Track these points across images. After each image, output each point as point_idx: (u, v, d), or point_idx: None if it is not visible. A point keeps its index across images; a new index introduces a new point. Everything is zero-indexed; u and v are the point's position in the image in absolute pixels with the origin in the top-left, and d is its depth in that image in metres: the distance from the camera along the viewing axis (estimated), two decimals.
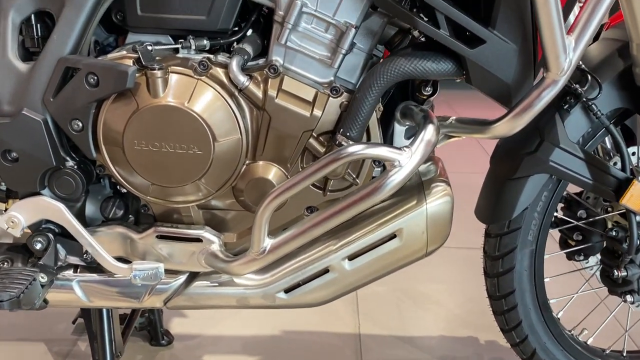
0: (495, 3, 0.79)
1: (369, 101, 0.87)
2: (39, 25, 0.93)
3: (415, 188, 0.96)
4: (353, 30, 0.88)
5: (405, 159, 0.82)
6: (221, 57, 0.92)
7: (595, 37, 1.15)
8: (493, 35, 0.80)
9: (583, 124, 1.06)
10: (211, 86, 0.88)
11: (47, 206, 0.94)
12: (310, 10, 0.88)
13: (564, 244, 1.29)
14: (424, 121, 0.87)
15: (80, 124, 0.89)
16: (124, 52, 0.90)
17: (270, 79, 0.90)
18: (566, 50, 0.78)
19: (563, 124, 1.05)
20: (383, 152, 0.82)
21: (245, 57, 0.90)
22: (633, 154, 1.16)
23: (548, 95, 0.81)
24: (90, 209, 1.00)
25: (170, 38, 0.95)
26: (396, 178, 0.81)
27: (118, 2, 0.93)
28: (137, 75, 0.87)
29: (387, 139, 1.02)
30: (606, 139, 1.14)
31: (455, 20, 0.79)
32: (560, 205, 1.24)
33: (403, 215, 0.93)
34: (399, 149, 0.83)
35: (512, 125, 0.85)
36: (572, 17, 0.83)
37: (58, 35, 0.90)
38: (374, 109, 0.89)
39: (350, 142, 0.88)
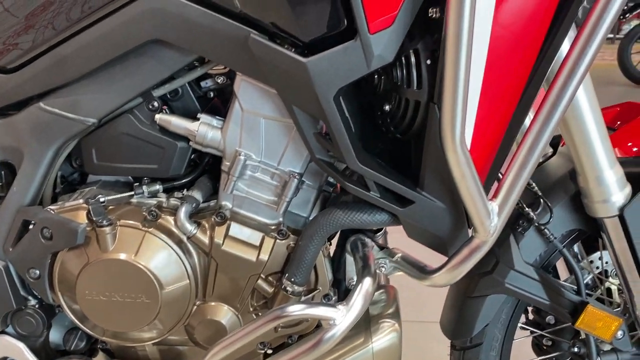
0: (422, 165, 0.81)
1: (311, 249, 0.90)
2: (2, 172, 0.98)
3: (363, 325, 0.97)
4: (295, 180, 0.91)
5: (341, 317, 0.84)
6: (173, 201, 0.96)
7: (553, 152, 1.16)
8: (421, 197, 0.82)
9: (538, 246, 1.07)
10: (159, 237, 0.92)
11: (8, 345, 0.99)
12: (254, 162, 0.92)
13: (535, 346, 1.29)
14: (362, 271, 0.89)
15: (37, 272, 0.94)
16: (80, 202, 0.95)
17: (216, 227, 0.93)
18: (490, 215, 0.79)
19: (518, 246, 1.06)
20: (319, 311, 0.84)
21: (194, 204, 0.94)
22: (599, 258, 1.16)
23: (479, 254, 0.83)
24: (55, 336, 1.05)
25: (130, 177, 1.00)
26: (332, 336, 0.84)
27: (76, 150, 0.98)
28: (88, 229, 0.91)
29: (341, 269, 1.05)
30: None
31: (383, 185, 0.82)
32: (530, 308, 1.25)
33: (349, 354, 0.95)
34: (335, 306, 0.85)
35: (450, 277, 0.86)
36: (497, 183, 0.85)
37: (18, 187, 0.95)
38: (317, 255, 0.92)
39: (295, 288, 0.91)
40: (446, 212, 0.83)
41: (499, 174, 0.84)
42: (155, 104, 0.94)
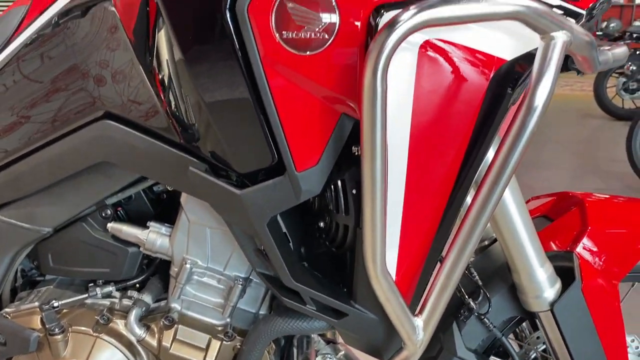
0: (354, 279, 0.86)
1: (255, 354, 0.94)
2: None
3: None
4: (240, 286, 0.96)
5: None
6: (125, 302, 1.01)
7: None
8: (354, 310, 0.87)
9: (479, 333, 1.12)
10: (110, 342, 0.96)
11: None
12: (201, 269, 0.96)
13: None
14: None
15: None
16: (35, 305, 0.99)
17: (165, 330, 0.98)
18: (416, 331, 0.84)
19: (460, 333, 1.11)
20: None
21: (144, 308, 0.98)
22: (537, 338, 1.21)
23: None
24: None
25: None
26: None
27: (33, 252, 1.02)
28: (40, 335, 0.95)
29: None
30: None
31: (317, 299, 0.87)
32: None
33: None
34: None
35: None
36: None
37: None
38: (261, 357, 0.96)
39: None
40: (379, 324, 0.88)
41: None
42: (108, 211, 0.99)
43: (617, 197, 1.21)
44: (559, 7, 0.76)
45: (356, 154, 0.79)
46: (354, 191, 0.81)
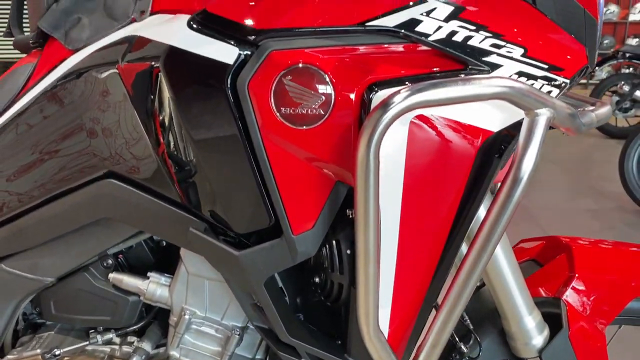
0: (348, 334, 0.89)
1: None
2: None
3: None
4: (237, 336, 0.98)
5: None
6: (125, 348, 1.04)
7: None
8: None
9: None
10: None
11: None
12: (199, 318, 0.99)
13: None
14: None
15: None
16: (38, 352, 1.02)
17: None
18: None
19: None
20: None
21: (144, 356, 1.01)
22: None
23: None
24: None
25: None
26: None
27: (36, 298, 1.05)
28: None
29: None
30: None
31: (313, 354, 0.90)
32: None
33: None
34: None
35: None
36: None
37: None
38: None
39: None
40: None
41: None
42: (110, 261, 1.02)
43: (604, 242, 1.24)
44: (544, 77, 0.80)
45: (350, 216, 0.82)
46: (348, 251, 0.84)
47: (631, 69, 6.95)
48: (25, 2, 1.07)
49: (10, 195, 0.96)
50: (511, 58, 0.78)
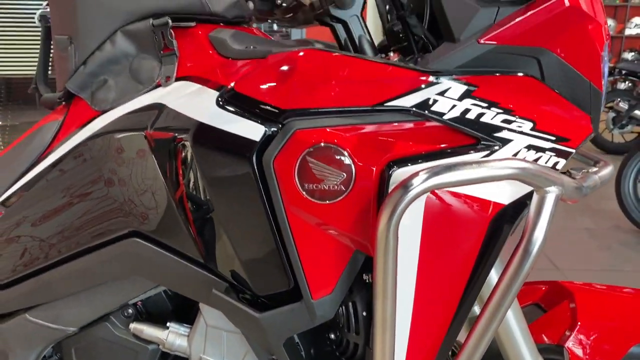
0: None
1: None
2: None
3: None
4: None
5: None
6: None
7: None
8: None
9: None
10: None
11: None
12: None
13: None
14: None
15: None
16: None
17: None
18: None
19: None
20: None
21: None
22: None
23: None
24: None
25: None
26: None
27: (56, 345, 1.09)
28: None
29: None
30: None
31: None
32: None
33: None
34: None
35: None
36: None
37: None
38: None
39: None
40: None
41: None
42: (130, 310, 1.05)
43: (607, 287, 1.29)
44: (552, 149, 0.84)
45: (367, 281, 0.86)
46: (364, 313, 0.88)
47: (627, 83, 7.03)
48: (51, 61, 1.11)
49: (37, 250, 1.00)
50: (521, 132, 0.82)
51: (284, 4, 1.38)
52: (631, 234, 3.88)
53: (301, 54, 0.84)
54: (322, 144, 0.78)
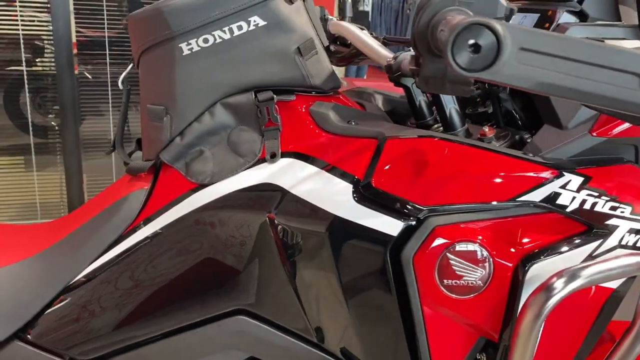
0: None
1: None
2: None
3: None
4: None
5: None
6: None
7: None
8: None
9: None
10: None
11: None
12: None
13: None
14: None
15: None
16: None
17: None
18: None
19: None
20: None
21: None
22: None
23: None
24: None
25: None
26: None
27: None
28: None
29: None
30: None
31: None
32: None
33: None
34: None
35: None
36: None
37: None
38: None
39: None
40: None
41: None
42: None
43: None
44: None
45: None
46: None
47: None
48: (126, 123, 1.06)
49: (135, 323, 0.97)
50: (624, 217, 0.89)
51: (340, 54, 1.37)
52: None
53: (425, 144, 0.85)
54: (462, 242, 0.81)
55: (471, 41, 0.56)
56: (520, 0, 1.21)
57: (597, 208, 0.87)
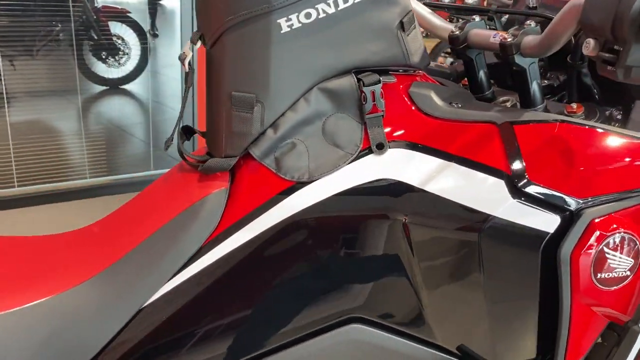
0: None
1: None
2: None
3: None
4: None
5: None
6: None
7: None
8: None
9: None
10: None
11: None
12: None
13: None
14: None
15: None
16: None
17: None
18: None
19: None
20: None
21: None
22: None
23: None
24: None
25: None
26: None
27: None
28: None
29: None
30: None
31: None
32: None
33: None
34: None
35: None
36: None
37: None
38: None
39: None
40: None
41: None
42: None
43: None
44: None
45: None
46: None
47: None
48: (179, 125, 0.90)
49: (236, 343, 0.84)
50: None
51: None
52: None
53: (562, 129, 0.81)
54: (618, 233, 0.78)
55: None
56: None
57: None
